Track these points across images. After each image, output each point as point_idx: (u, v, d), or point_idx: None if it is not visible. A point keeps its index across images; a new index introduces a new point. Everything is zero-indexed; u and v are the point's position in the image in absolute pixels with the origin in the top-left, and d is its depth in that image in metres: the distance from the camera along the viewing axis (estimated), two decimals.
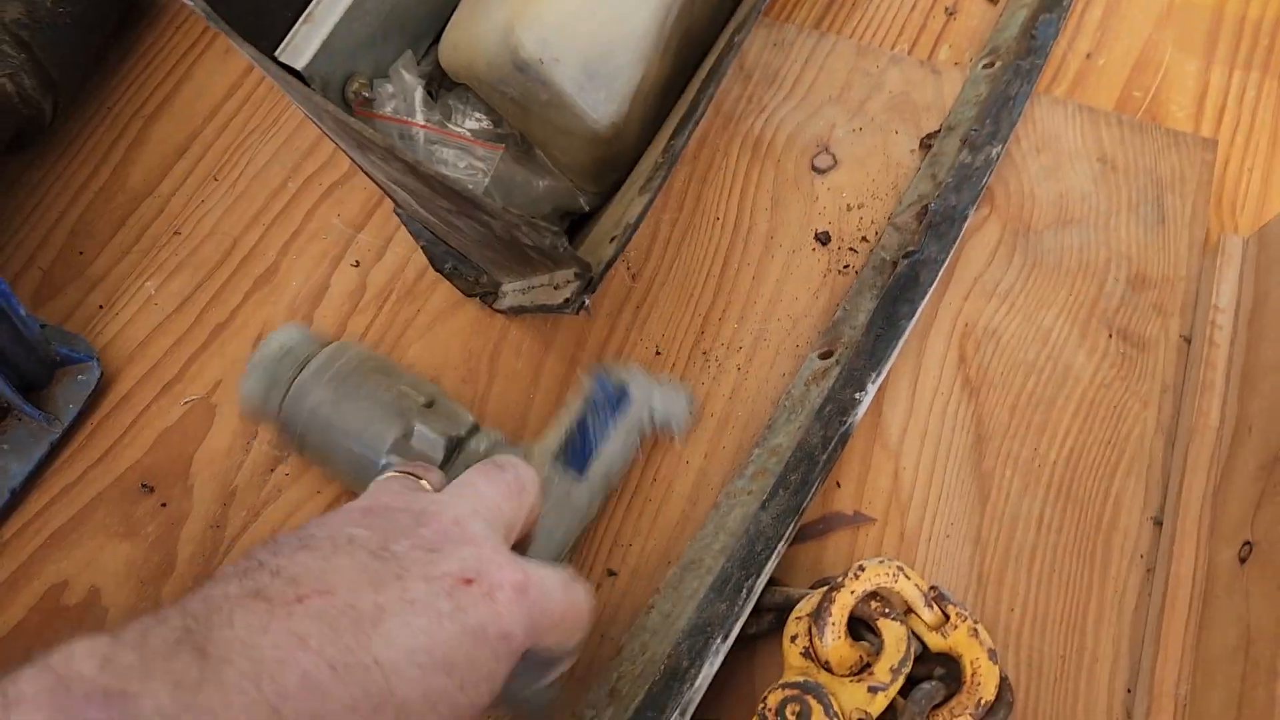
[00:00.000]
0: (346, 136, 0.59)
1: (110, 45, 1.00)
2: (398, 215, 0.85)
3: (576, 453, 0.72)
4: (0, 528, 0.76)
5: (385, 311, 0.87)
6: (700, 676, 0.65)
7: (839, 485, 0.78)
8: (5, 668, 0.70)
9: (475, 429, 0.72)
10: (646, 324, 0.87)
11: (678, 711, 0.64)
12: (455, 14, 0.80)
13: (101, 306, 0.87)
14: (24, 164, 0.93)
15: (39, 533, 0.76)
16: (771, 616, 0.71)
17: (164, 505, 0.78)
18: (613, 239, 0.61)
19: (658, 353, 0.85)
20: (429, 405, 0.70)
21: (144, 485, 0.78)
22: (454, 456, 0.69)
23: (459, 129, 0.83)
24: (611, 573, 0.75)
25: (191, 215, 0.92)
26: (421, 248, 0.86)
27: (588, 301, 0.60)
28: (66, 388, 0.80)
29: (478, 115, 0.81)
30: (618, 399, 0.75)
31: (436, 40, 0.84)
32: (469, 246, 0.75)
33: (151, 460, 0.80)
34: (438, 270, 0.87)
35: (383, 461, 0.68)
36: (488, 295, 0.86)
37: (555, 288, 0.64)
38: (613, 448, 0.74)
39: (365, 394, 0.70)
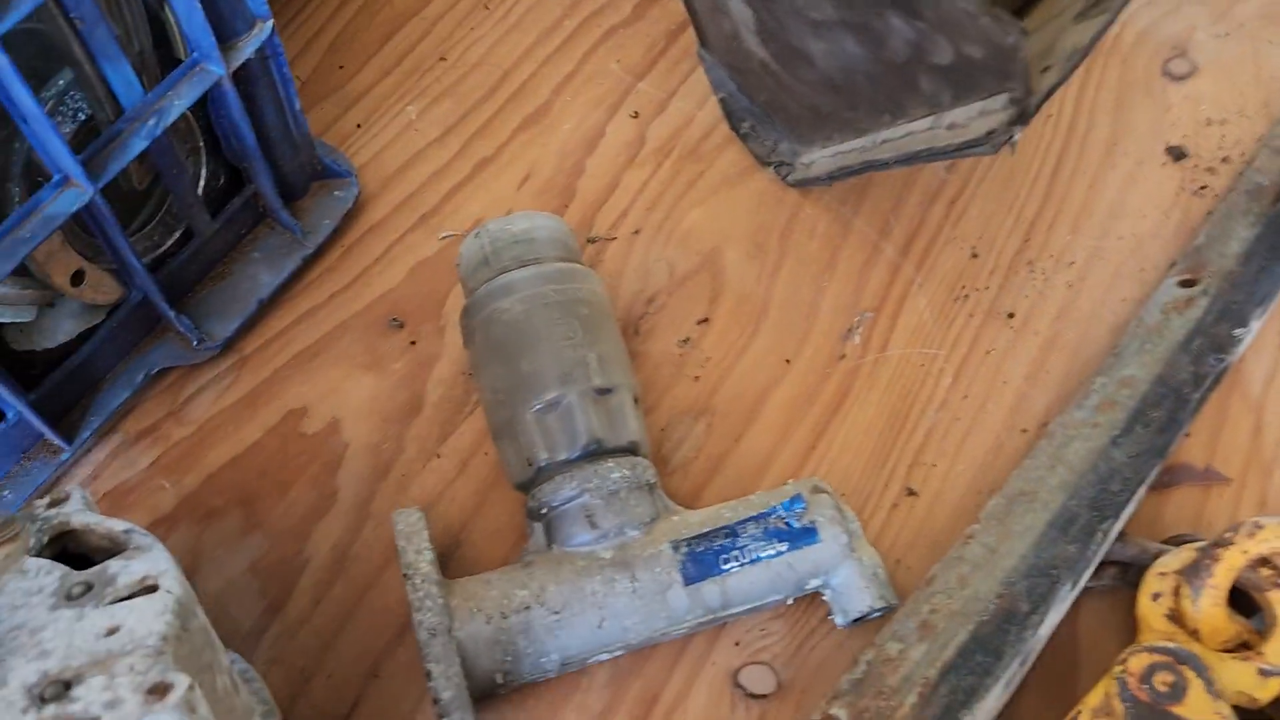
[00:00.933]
0: None
1: None
2: (701, 58, 0.75)
3: (704, 559, 0.56)
4: (243, 340, 0.69)
5: (665, 169, 0.77)
6: (1045, 624, 0.54)
7: (1188, 435, 0.66)
8: (241, 486, 0.63)
9: (631, 451, 0.59)
10: (962, 221, 0.75)
11: (1019, 660, 0.53)
12: None
13: (359, 126, 0.79)
14: None
15: (281, 352, 0.69)
16: (1114, 571, 0.59)
17: (413, 343, 0.70)
18: (1046, 69, 0.50)
19: (974, 255, 0.73)
20: (603, 392, 0.59)
21: (393, 319, 0.71)
22: (583, 461, 0.57)
23: None
24: (911, 492, 0.65)
25: (459, 42, 0.84)
26: (720, 100, 0.76)
27: (1017, 136, 0.49)
28: (322, 202, 0.72)
29: None
30: (796, 535, 0.57)
31: None
32: (801, 90, 0.64)
33: (404, 293, 0.72)
34: (733, 128, 0.76)
35: (530, 412, 0.58)
36: (782, 166, 0.75)
37: (949, 128, 0.53)
38: (744, 584, 0.56)
39: (555, 336, 0.59)
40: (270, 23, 0.61)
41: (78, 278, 0.60)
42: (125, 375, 0.66)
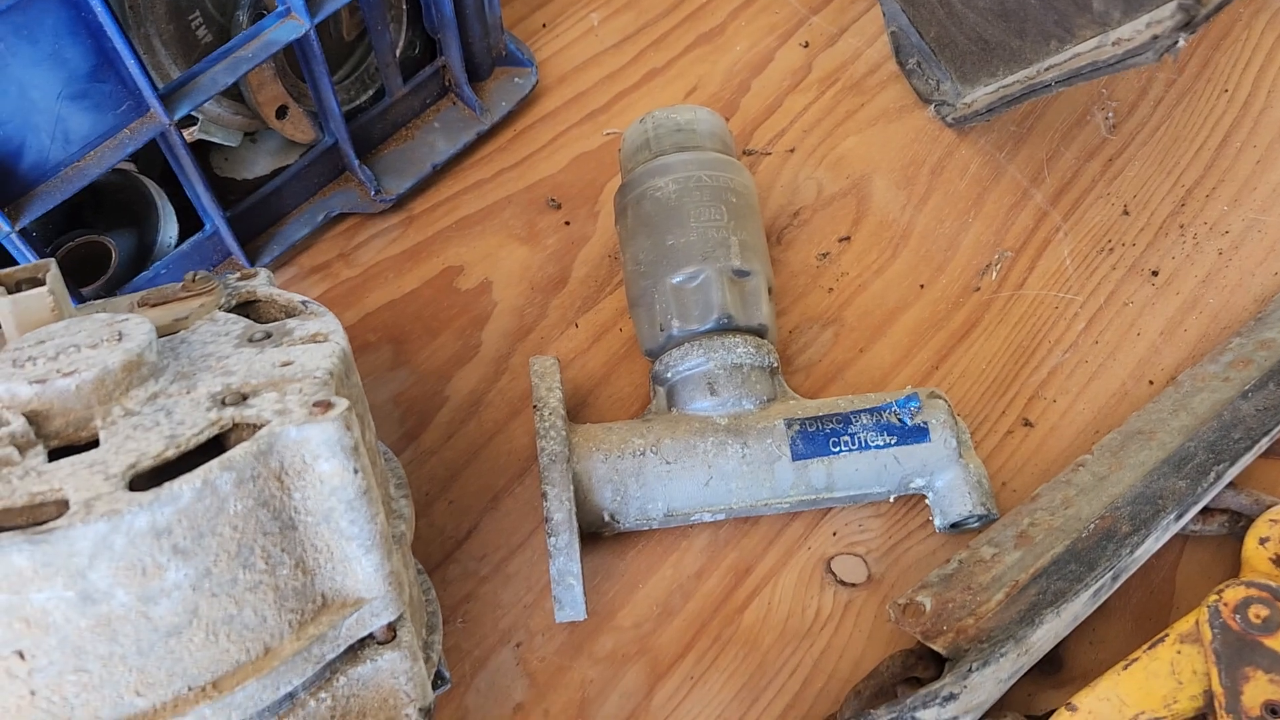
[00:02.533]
0: None
1: None
2: None
3: (815, 439, 0.58)
4: (413, 200, 0.75)
5: (827, 98, 0.80)
6: (1142, 547, 0.55)
7: None
8: (396, 326, 0.68)
9: (759, 333, 0.61)
10: (1117, 180, 0.75)
11: (1110, 574, 0.54)
12: None
13: (545, 25, 0.84)
14: None
15: (447, 215, 0.74)
16: (1224, 519, 0.59)
17: (568, 223, 0.74)
18: None
19: (1125, 212, 0.73)
20: (740, 274, 0.61)
21: (552, 200, 0.75)
22: (713, 333, 0.60)
23: None
24: (1027, 423, 0.66)
25: None
26: (890, 33, 0.78)
27: (1182, 42, 0.50)
28: (502, 85, 0.77)
29: None
30: (907, 432, 0.59)
31: None
32: (971, 19, 0.66)
33: (564, 179, 0.76)
34: (899, 63, 0.78)
35: (670, 283, 0.61)
36: (943, 105, 0.77)
37: (1114, 44, 0.54)
38: (850, 469, 0.58)
39: (703, 216, 0.62)
40: None
41: (282, 111, 0.67)
42: (307, 214, 0.72)
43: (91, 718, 0.38)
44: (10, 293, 0.46)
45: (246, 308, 0.51)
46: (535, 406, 0.58)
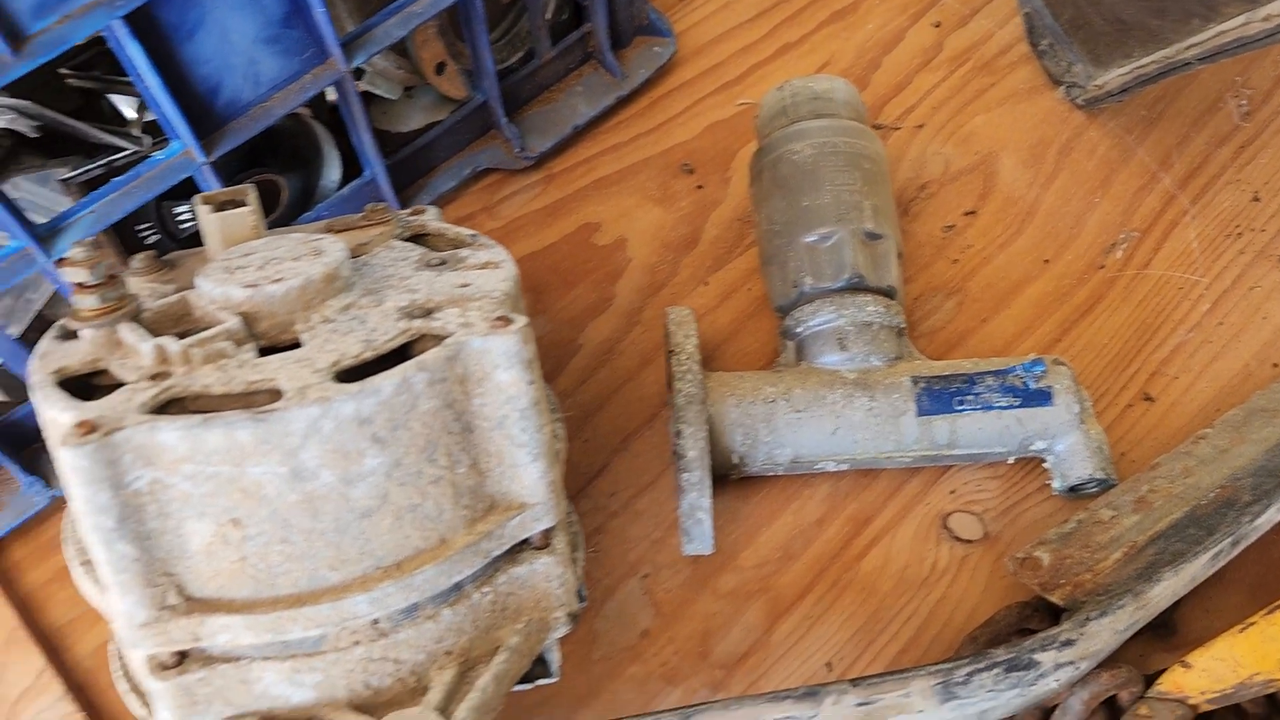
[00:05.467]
0: None
1: None
2: None
3: (940, 396, 0.60)
4: (554, 159, 0.78)
5: (956, 76, 0.82)
6: (1263, 517, 0.56)
7: None
8: (534, 277, 0.72)
9: (888, 294, 0.63)
10: (1249, 167, 0.76)
11: (1230, 540, 0.55)
12: None
13: None
14: None
15: (585, 175, 0.78)
16: None
17: (700, 188, 0.77)
18: None
19: (1256, 199, 0.74)
20: (872, 237, 0.64)
21: (685, 165, 0.78)
22: (844, 291, 0.62)
23: None
24: (1148, 398, 0.67)
25: None
26: (1025, 15, 0.79)
27: None
28: (641, 54, 0.81)
29: None
30: (1031, 395, 0.60)
31: None
32: (1111, 1, 0.67)
33: (698, 145, 0.79)
34: (1032, 44, 0.80)
35: (804, 242, 0.63)
36: (1074, 88, 0.78)
37: (1264, 19, 0.55)
38: (973, 427, 0.60)
39: (838, 180, 0.64)
40: None
41: (440, 68, 0.71)
42: (455, 167, 0.76)
43: (291, 587, 0.42)
44: (216, 211, 0.50)
45: (418, 240, 0.55)
46: (673, 351, 0.61)
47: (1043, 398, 0.60)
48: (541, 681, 0.52)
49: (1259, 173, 0.75)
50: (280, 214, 0.68)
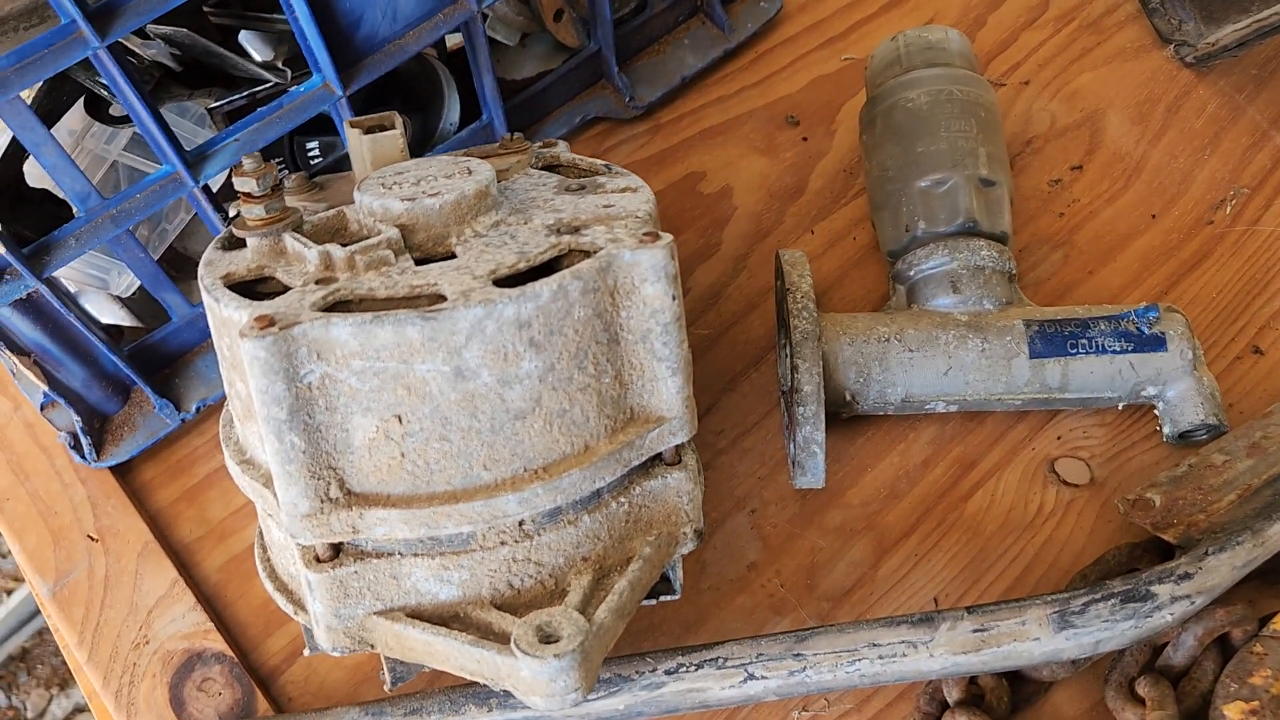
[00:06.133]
0: None
1: None
2: None
3: (1053, 339, 0.61)
4: (661, 110, 0.80)
5: (1063, 35, 0.82)
6: None
7: None
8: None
9: (1002, 239, 0.64)
10: None
11: None
12: None
13: None
14: None
15: (691, 126, 0.79)
16: None
17: (805, 139, 0.78)
18: None
19: None
20: (987, 183, 0.65)
21: (790, 117, 0.79)
22: (958, 235, 0.63)
23: None
24: (1258, 350, 0.67)
25: None
26: None
27: None
28: (749, 8, 0.82)
29: None
30: (1144, 340, 0.61)
31: None
32: None
33: (803, 98, 0.80)
34: (1143, 3, 0.79)
35: (918, 187, 0.64)
36: (1184, 46, 0.78)
37: None
38: (1085, 371, 0.60)
39: (953, 127, 0.65)
40: None
41: (559, 15, 0.73)
42: (566, 115, 0.78)
43: (446, 484, 0.44)
44: (366, 133, 0.52)
45: (552, 170, 0.57)
46: (789, 289, 0.62)
47: (1156, 343, 0.61)
48: (665, 598, 0.54)
49: None
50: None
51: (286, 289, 0.45)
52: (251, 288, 0.47)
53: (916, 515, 0.63)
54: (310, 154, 0.67)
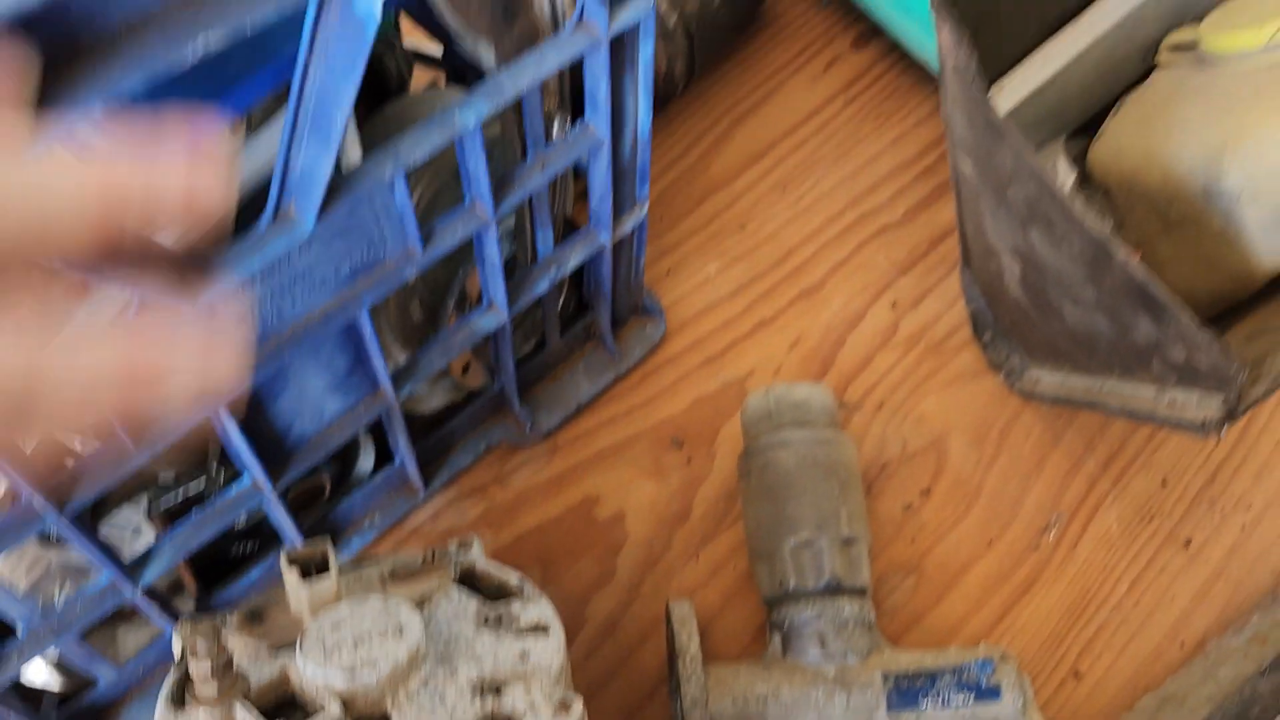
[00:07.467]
0: (1030, 187, 0.63)
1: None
2: (961, 273, 0.91)
3: (906, 694, 0.70)
4: (559, 433, 0.87)
5: (910, 357, 0.93)
6: None
7: None
8: (543, 549, 0.81)
9: (862, 593, 0.74)
10: (1159, 452, 0.88)
11: None
12: (1122, 115, 0.85)
13: (669, 272, 0.98)
14: None
15: (587, 446, 0.87)
16: None
17: (689, 461, 0.87)
18: (1255, 379, 0.63)
19: (1163, 484, 0.86)
20: (848, 542, 0.74)
21: (675, 439, 0.88)
22: (824, 593, 0.73)
23: None
24: (1077, 674, 0.78)
25: (757, 216, 1.01)
26: (971, 312, 0.91)
27: (1224, 432, 0.63)
28: (636, 333, 0.91)
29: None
30: (983, 691, 0.70)
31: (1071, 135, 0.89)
32: (1045, 331, 0.79)
33: (685, 420, 0.89)
34: (975, 335, 0.92)
35: (789, 546, 0.74)
36: (1011, 375, 0.90)
37: (1169, 404, 0.67)
38: None
39: (818, 490, 0.75)
40: (647, 204, 0.79)
41: (466, 369, 0.80)
42: (471, 444, 0.85)
43: None
44: (302, 575, 0.58)
45: (468, 580, 0.64)
46: (679, 653, 0.70)
47: (993, 693, 0.71)
48: None
49: (1167, 457, 0.87)
50: (324, 506, 0.76)
51: None
52: None
53: None
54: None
